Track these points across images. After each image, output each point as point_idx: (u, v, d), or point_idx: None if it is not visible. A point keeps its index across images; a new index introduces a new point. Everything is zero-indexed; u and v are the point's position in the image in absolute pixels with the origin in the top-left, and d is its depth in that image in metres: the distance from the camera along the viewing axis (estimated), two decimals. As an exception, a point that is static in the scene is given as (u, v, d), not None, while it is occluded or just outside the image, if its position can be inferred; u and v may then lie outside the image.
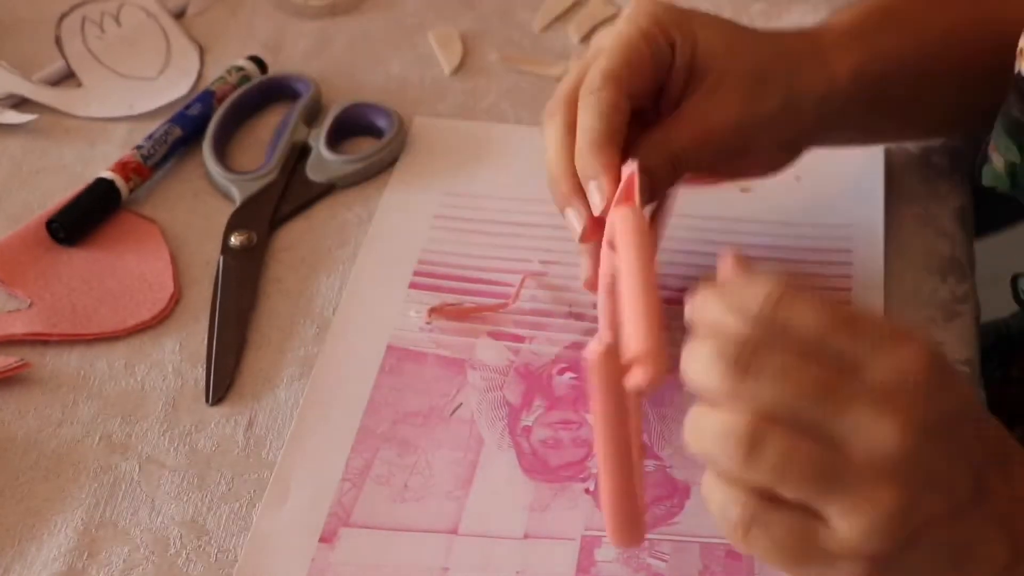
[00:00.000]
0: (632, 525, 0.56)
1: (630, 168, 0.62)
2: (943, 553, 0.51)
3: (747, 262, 0.53)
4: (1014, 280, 0.70)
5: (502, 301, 0.72)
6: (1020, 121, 0.68)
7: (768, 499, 0.49)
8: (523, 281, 0.73)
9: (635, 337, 0.50)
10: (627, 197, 0.61)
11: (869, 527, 0.48)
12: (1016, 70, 0.67)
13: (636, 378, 0.50)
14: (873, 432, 0.48)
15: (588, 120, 0.63)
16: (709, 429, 0.49)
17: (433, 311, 0.72)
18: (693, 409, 0.50)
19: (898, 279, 0.74)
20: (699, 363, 0.49)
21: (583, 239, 0.65)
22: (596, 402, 0.51)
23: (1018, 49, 0.67)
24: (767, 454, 0.48)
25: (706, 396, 0.49)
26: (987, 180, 0.73)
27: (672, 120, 0.66)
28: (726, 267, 0.53)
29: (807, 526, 0.49)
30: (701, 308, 0.51)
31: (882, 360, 0.48)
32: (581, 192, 0.64)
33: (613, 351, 0.50)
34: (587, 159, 0.63)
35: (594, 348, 0.50)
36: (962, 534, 0.51)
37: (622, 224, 0.59)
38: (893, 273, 0.74)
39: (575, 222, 0.65)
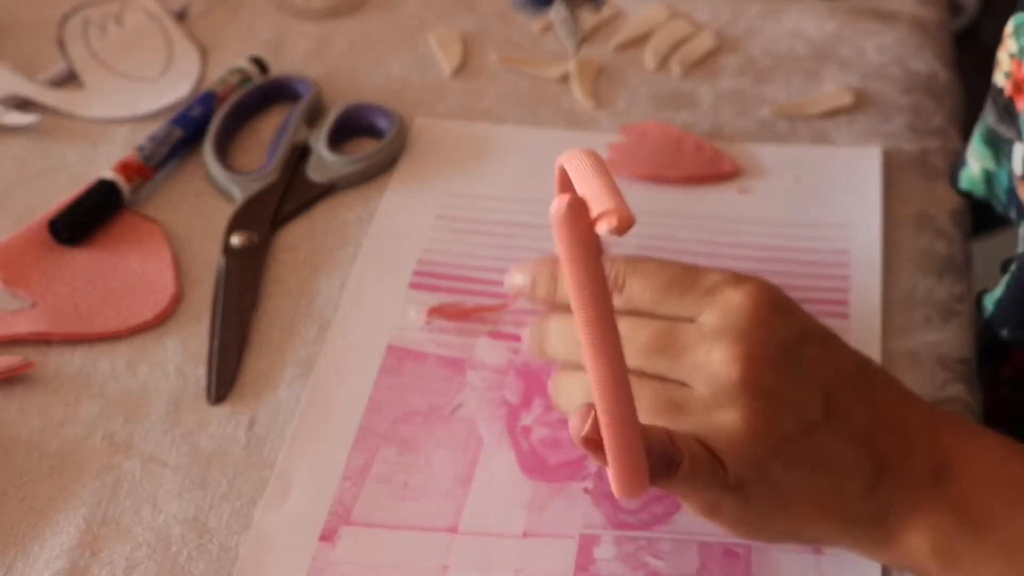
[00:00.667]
0: (637, 458, 0.52)
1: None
2: (804, 468, 0.55)
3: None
4: (979, 297, 0.70)
5: (502, 301, 0.73)
6: (995, 130, 0.69)
7: None
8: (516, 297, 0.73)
9: (599, 197, 0.48)
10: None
11: (725, 448, 0.54)
12: (993, 80, 0.68)
13: (606, 226, 0.47)
14: (708, 366, 0.55)
15: None
16: (570, 389, 0.60)
17: (433, 311, 0.72)
18: (555, 374, 0.62)
19: (895, 279, 0.74)
20: (552, 338, 0.61)
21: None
22: (570, 267, 0.48)
23: (996, 59, 0.68)
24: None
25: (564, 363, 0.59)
26: (964, 184, 0.74)
27: None
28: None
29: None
30: (544, 285, 0.61)
31: (711, 306, 0.56)
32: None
33: (580, 204, 0.47)
34: None
35: (558, 205, 0.47)
36: (818, 448, 0.55)
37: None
38: (890, 273, 0.74)
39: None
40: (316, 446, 0.67)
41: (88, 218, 0.77)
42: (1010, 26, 0.66)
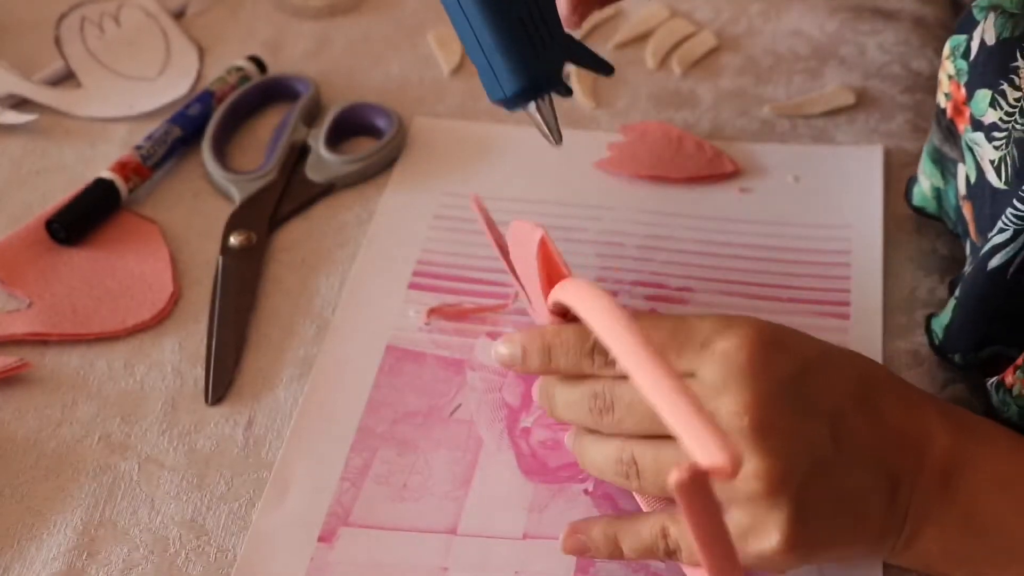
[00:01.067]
0: None
1: (535, 235, 0.59)
2: (830, 509, 0.55)
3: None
4: (927, 322, 0.70)
5: (502, 301, 0.72)
6: (941, 149, 0.69)
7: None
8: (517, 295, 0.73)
9: (705, 446, 0.45)
10: (552, 269, 0.60)
11: (748, 504, 0.54)
12: (936, 100, 0.68)
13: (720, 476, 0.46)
14: (718, 419, 0.54)
15: None
16: (593, 455, 0.60)
17: (432, 311, 0.72)
18: (574, 434, 0.62)
19: (896, 279, 0.74)
20: (560, 408, 0.61)
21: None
22: (696, 526, 0.47)
23: (937, 80, 0.68)
24: (643, 468, 0.57)
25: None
26: (916, 201, 0.74)
27: None
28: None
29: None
30: (537, 357, 0.61)
31: (708, 360, 0.56)
32: None
33: (702, 474, 0.45)
34: None
35: (679, 474, 0.45)
36: (836, 484, 0.55)
37: (590, 303, 0.53)
38: (891, 273, 0.74)
39: None
40: (315, 447, 0.67)
41: (86, 218, 0.77)
42: (947, 48, 0.67)
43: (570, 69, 0.86)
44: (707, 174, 0.79)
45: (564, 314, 0.60)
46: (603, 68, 0.71)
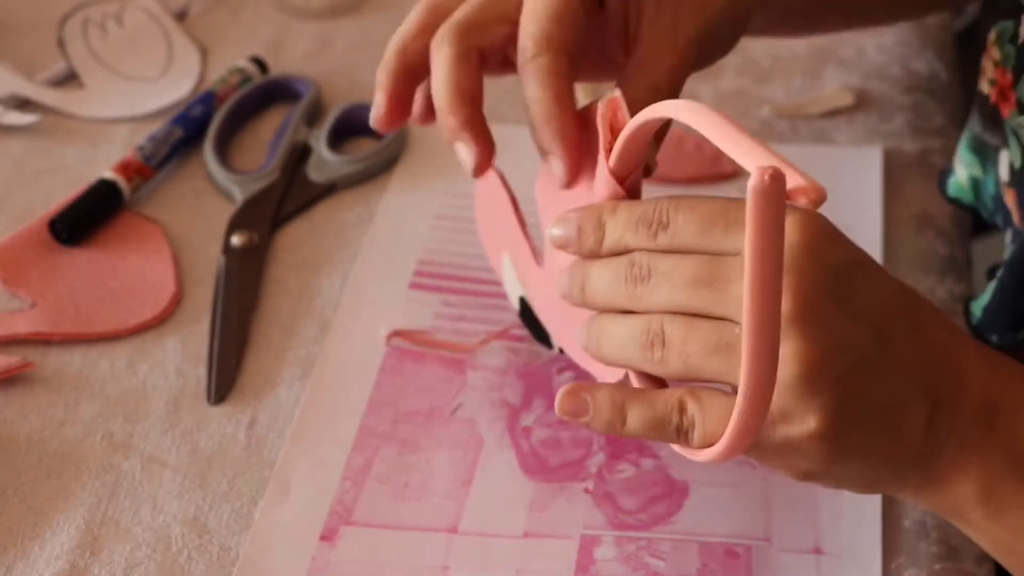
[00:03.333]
0: (761, 420, 0.50)
1: (606, 102, 0.58)
2: (868, 412, 0.52)
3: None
4: (966, 303, 0.70)
5: (471, 341, 0.71)
6: (981, 137, 0.69)
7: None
8: (499, 333, 0.72)
9: (790, 171, 0.47)
10: (617, 127, 0.58)
11: (782, 387, 0.51)
12: (978, 88, 0.68)
13: (805, 201, 0.48)
14: None
15: (534, 92, 0.60)
16: (614, 333, 0.55)
17: (394, 334, 0.71)
18: (594, 319, 0.57)
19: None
20: (594, 282, 0.56)
21: (476, 173, 0.62)
22: (758, 240, 0.46)
23: (981, 68, 0.68)
24: (671, 341, 0.53)
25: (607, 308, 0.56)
26: (952, 192, 0.74)
27: (640, 53, 0.62)
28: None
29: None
30: (592, 235, 0.57)
31: None
32: (472, 124, 0.61)
33: (781, 177, 0.45)
34: (544, 132, 0.60)
35: (760, 176, 0.45)
36: (875, 387, 0.52)
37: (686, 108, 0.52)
38: (891, 273, 0.74)
39: (466, 156, 0.62)
40: (316, 446, 0.67)
41: (88, 218, 0.77)
42: (993, 34, 0.66)
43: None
44: (707, 174, 0.80)
45: (622, 181, 0.58)
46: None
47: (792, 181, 0.48)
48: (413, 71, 0.64)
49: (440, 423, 0.68)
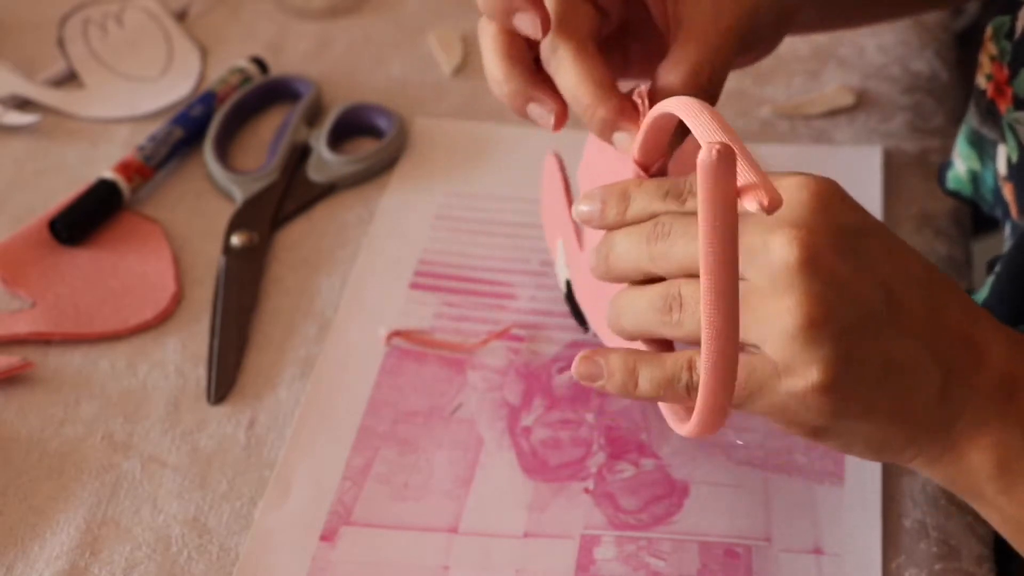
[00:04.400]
0: (727, 398, 0.50)
1: (635, 93, 0.59)
2: (870, 367, 0.52)
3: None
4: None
5: (473, 340, 0.71)
6: (979, 131, 0.69)
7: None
8: (500, 333, 0.72)
9: (749, 171, 0.48)
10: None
11: (785, 339, 0.51)
12: (975, 82, 0.68)
13: (755, 204, 0.47)
14: (766, 252, 0.52)
15: (567, 80, 0.59)
16: (636, 305, 0.56)
17: (394, 334, 0.71)
18: (618, 294, 0.58)
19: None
20: (620, 248, 0.57)
21: (557, 127, 0.61)
22: (708, 215, 0.47)
23: (978, 63, 0.68)
24: (686, 302, 0.54)
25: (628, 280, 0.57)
26: (951, 185, 0.74)
27: (681, 38, 0.60)
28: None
29: (746, 362, 0.52)
30: (615, 207, 0.58)
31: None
32: (538, 82, 0.60)
33: (730, 154, 0.46)
34: (596, 113, 0.58)
35: (707, 152, 0.46)
36: (884, 346, 0.52)
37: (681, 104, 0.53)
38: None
39: (543, 114, 0.61)
40: (316, 446, 0.67)
41: (88, 218, 0.77)
42: (990, 29, 0.67)
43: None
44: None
45: (647, 169, 0.59)
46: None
47: (746, 179, 0.47)
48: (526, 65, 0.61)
49: (440, 423, 0.68)
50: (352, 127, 0.83)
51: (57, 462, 0.67)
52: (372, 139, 0.83)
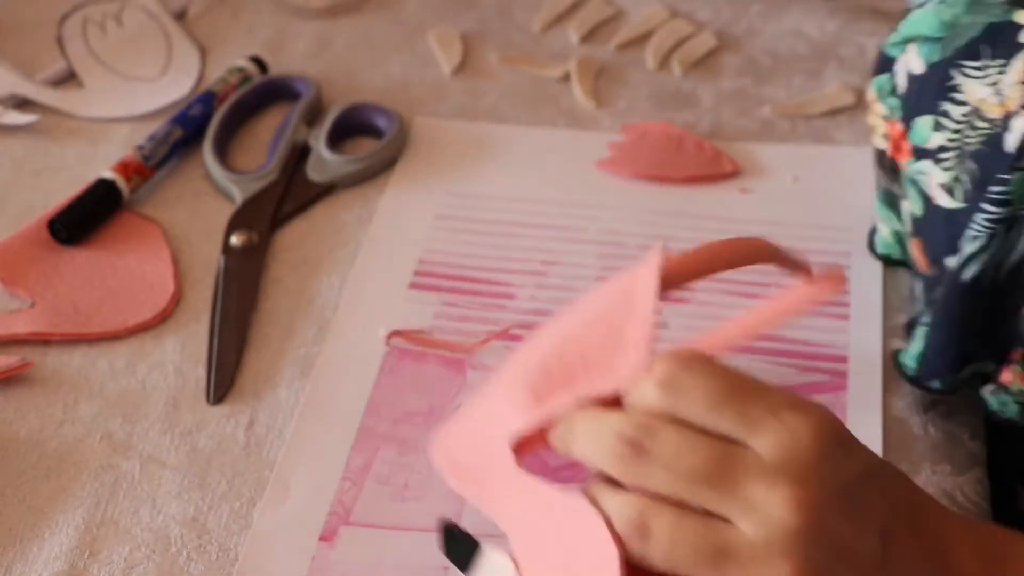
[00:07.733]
0: None
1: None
2: None
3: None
4: (895, 358, 0.68)
5: (472, 341, 0.71)
6: (890, 191, 0.69)
7: None
8: (500, 333, 0.71)
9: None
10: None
11: None
12: (874, 145, 0.69)
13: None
14: (765, 509, 0.49)
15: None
16: (605, 508, 0.51)
17: (394, 333, 0.71)
18: (589, 485, 0.52)
19: (896, 279, 0.74)
20: (596, 445, 0.51)
21: None
22: None
23: (869, 126, 0.68)
24: (656, 538, 0.49)
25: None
26: (881, 249, 0.74)
27: None
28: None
29: None
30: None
31: (775, 431, 0.49)
32: None
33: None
34: None
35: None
36: None
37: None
38: (891, 273, 0.74)
39: None
40: (316, 446, 0.67)
41: (87, 218, 0.77)
42: (871, 92, 0.67)
43: (570, 68, 0.87)
44: (707, 174, 0.80)
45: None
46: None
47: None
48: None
49: (440, 423, 0.68)
50: (352, 127, 0.83)
51: (56, 462, 0.67)
52: (372, 139, 0.83)
